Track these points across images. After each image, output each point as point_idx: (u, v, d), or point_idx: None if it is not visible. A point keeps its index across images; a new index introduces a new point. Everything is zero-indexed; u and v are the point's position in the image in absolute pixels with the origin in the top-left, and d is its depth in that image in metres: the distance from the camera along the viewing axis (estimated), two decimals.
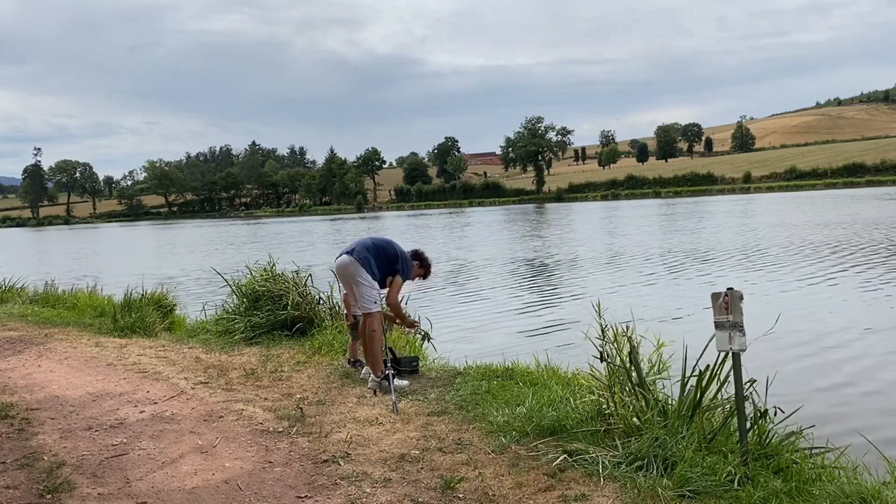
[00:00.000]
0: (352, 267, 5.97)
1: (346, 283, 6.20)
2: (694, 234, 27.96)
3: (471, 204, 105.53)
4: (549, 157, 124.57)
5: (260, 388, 6.16)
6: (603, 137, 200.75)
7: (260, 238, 46.24)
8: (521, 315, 12.35)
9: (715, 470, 3.70)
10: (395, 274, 6.12)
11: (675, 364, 4.65)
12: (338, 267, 6.16)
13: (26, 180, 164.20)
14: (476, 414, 5.09)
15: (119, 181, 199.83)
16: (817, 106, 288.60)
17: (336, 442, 4.63)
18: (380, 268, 6.04)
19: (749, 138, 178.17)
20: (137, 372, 6.82)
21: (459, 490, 3.79)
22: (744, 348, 3.78)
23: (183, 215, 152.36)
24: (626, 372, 4.53)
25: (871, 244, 19.86)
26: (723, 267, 17.16)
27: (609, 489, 3.72)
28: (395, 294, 6.15)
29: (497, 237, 34.54)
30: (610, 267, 18.75)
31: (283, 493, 3.86)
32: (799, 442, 4.17)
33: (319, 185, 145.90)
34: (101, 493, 3.88)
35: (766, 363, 6.87)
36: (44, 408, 5.60)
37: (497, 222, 50.34)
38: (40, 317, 10.86)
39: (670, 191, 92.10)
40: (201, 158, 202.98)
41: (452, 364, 6.96)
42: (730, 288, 3.83)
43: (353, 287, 6.08)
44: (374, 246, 6.10)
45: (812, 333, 9.50)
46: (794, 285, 13.76)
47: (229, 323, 8.77)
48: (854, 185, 74.80)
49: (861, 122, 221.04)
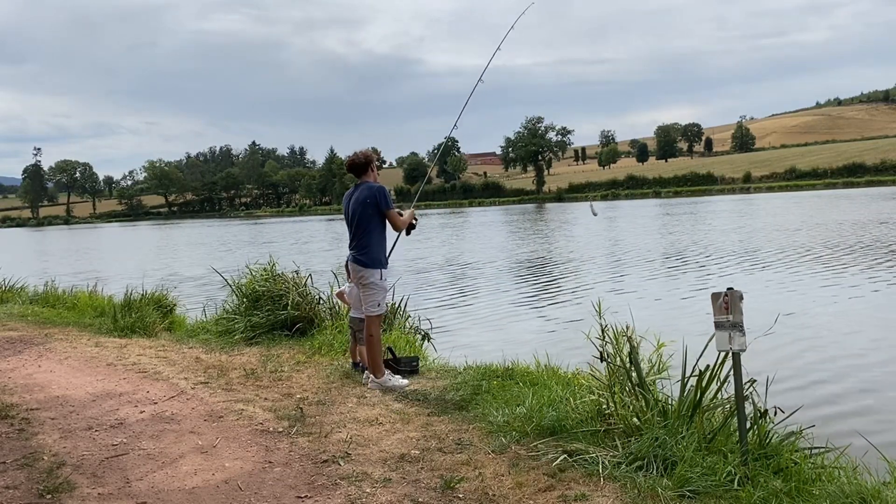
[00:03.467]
0: (360, 270, 6.02)
1: (356, 283, 6.23)
2: (694, 234, 27.96)
3: (471, 204, 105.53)
4: (549, 157, 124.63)
5: (260, 388, 6.16)
6: (603, 137, 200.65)
7: (261, 238, 46.24)
8: (522, 315, 12.36)
9: (715, 470, 3.70)
10: (385, 216, 6.06)
11: (675, 364, 4.65)
12: (351, 268, 6.21)
13: (26, 180, 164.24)
14: (476, 414, 5.09)
15: (119, 181, 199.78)
16: (817, 106, 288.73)
17: (336, 442, 4.63)
18: (377, 234, 6.04)
19: (749, 138, 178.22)
20: (137, 372, 6.82)
21: (459, 490, 3.79)
22: (744, 348, 3.78)
23: (183, 215, 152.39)
24: (626, 372, 4.53)
25: (870, 244, 19.86)
26: (723, 267, 17.16)
27: (609, 489, 3.71)
28: (400, 222, 6.12)
29: (497, 237, 34.54)
30: (610, 267, 18.75)
31: (283, 493, 3.86)
32: (799, 442, 4.16)
33: (319, 185, 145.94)
34: (101, 493, 3.88)
35: (766, 363, 6.89)
36: (44, 408, 5.60)
37: (497, 222, 50.35)
38: (40, 317, 10.86)
39: (670, 191, 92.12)
40: (201, 158, 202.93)
41: (452, 364, 6.96)
42: (730, 288, 3.83)
43: (360, 289, 6.12)
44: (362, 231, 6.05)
45: (812, 333, 9.50)
46: (795, 285, 13.76)
47: (229, 323, 8.77)
48: (854, 185, 74.82)
49: (861, 122, 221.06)
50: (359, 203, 6.03)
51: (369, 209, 6.00)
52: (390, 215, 6.09)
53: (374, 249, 6.02)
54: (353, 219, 6.08)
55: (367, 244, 6.02)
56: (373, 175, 6.18)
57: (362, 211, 6.01)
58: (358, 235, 6.06)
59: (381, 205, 6.01)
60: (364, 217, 6.01)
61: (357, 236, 6.07)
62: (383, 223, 6.10)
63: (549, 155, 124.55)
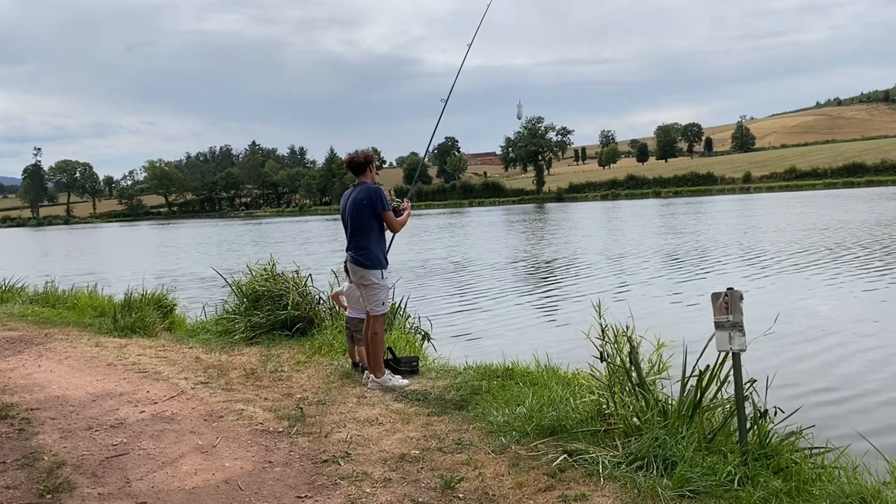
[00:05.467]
0: (360, 271, 6.01)
1: (357, 284, 6.22)
2: (694, 234, 27.95)
3: (471, 204, 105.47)
4: (549, 157, 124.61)
5: (260, 388, 6.16)
6: (603, 137, 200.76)
7: (269, 238, 46.22)
8: (522, 315, 12.35)
9: (715, 470, 3.70)
10: (382, 217, 6.05)
11: (675, 364, 4.65)
12: (350, 269, 6.20)
13: (26, 180, 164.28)
14: (476, 414, 5.09)
15: (119, 181, 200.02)
16: (817, 106, 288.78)
17: (336, 442, 4.63)
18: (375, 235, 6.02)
19: (749, 138, 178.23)
20: (137, 372, 6.82)
21: (459, 490, 3.79)
22: (744, 348, 3.78)
23: (183, 215, 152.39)
24: (626, 372, 4.53)
25: (871, 244, 19.86)
26: (723, 266, 17.16)
27: (609, 489, 3.71)
28: (397, 224, 6.13)
29: (497, 237, 34.53)
30: (610, 267, 18.75)
31: (283, 493, 3.86)
32: (799, 442, 4.16)
33: (319, 185, 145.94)
34: (101, 493, 3.88)
35: (767, 363, 6.88)
36: (44, 408, 5.60)
37: (497, 223, 50.32)
38: (40, 317, 10.86)
39: (670, 191, 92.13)
40: (201, 158, 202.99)
41: (452, 364, 6.96)
42: (730, 288, 3.83)
43: (361, 289, 6.12)
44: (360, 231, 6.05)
45: (812, 333, 9.50)
46: (795, 285, 13.76)
47: (229, 323, 8.77)
48: (854, 185, 74.82)
49: (861, 122, 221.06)
50: (355, 204, 6.03)
51: (366, 211, 5.99)
52: (387, 217, 6.08)
53: (373, 250, 6.01)
54: (350, 220, 6.07)
55: (366, 245, 6.01)
56: (371, 175, 6.16)
57: (359, 212, 6.01)
58: (356, 237, 6.06)
59: (377, 207, 6.00)
60: (360, 218, 6.01)
61: (355, 237, 6.07)
62: (381, 223, 6.09)
63: (549, 155, 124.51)
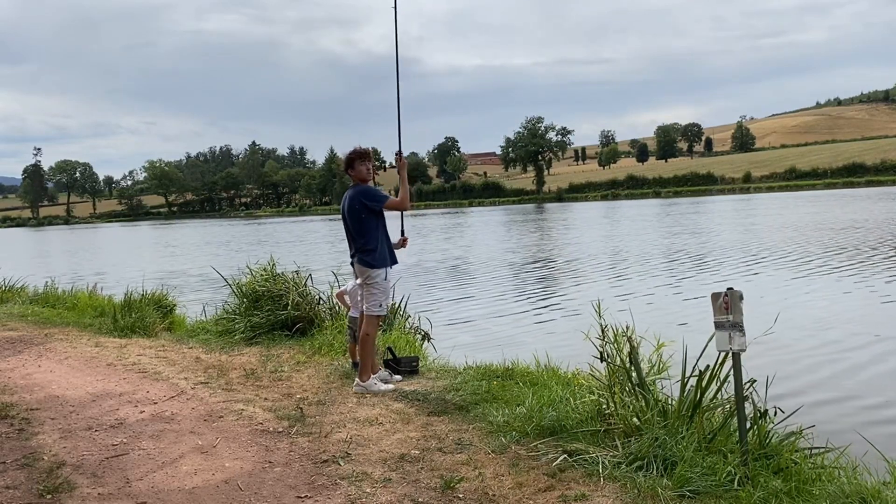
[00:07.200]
0: (367, 270, 6.01)
1: (363, 282, 6.22)
2: (694, 234, 27.95)
3: (471, 204, 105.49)
4: (549, 157, 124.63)
5: (260, 388, 6.16)
6: (603, 137, 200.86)
7: (273, 238, 46.21)
8: (522, 315, 12.35)
9: (715, 470, 3.70)
10: (378, 212, 6.02)
11: (676, 364, 4.65)
12: (357, 269, 6.19)
13: (26, 180, 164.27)
14: (476, 414, 5.09)
15: (119, 181, 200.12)
16: (817, 106, 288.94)
17: (336, 442, 4.63)
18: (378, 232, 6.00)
19: (749, 138, 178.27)
20: (137, 372, 6.82)
21: (459, 490, 3.79)
22: (744, 348, 3.78)
23: (183, 215, 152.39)
24: (626, 372, 4.53)
25: (871, 244, 19.86)
26: (723, 266, 17.16)
27: (609, 489, 3.71)
28: (399, 202, 6.06)
29: (497, 237, 34.53)
30: (610, 267, 18.75)
31: (283, 493, 3.86)
32: (799, 442, 4.16)
33: (319, 185, 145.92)
34: (101, 493, 3.88)
35: (766, 363, 6.88)
36: (44, 408, 5.60)
37: (497, 223, 50.32)
38: (40, 317, 10.86)
39: (670, 191, 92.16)
40: (201, 158, 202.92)
41: (452, 364, 6.95)
42: (730, 288, 3.83)
43: (363, 288, 6.12)
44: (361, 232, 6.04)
45: (812, 333, 9.50)
46: (795, 285, 13.76)
47: (229, 323, 8.77)
48: (854, 185, 74.84)
49: (861, 122, 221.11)
50: (351, 208, 6.04)
51: (362, 212, 6.00)
52: (386, 208, 6.05)
53: (378, 249, 5.99)
54: (350, 222, 6.06)
55: (369, 244, 5.99)
56: (361, 171, 6.04)
57: (356, 214, 6.02)
58: (358, 238, 6.05)
59: (372, 206, 6.00)
60: (358, 219, 6.01)
61: (356, 238, 6.06)
62: (380, 219, 6.07)
63: (549, 155, 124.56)
